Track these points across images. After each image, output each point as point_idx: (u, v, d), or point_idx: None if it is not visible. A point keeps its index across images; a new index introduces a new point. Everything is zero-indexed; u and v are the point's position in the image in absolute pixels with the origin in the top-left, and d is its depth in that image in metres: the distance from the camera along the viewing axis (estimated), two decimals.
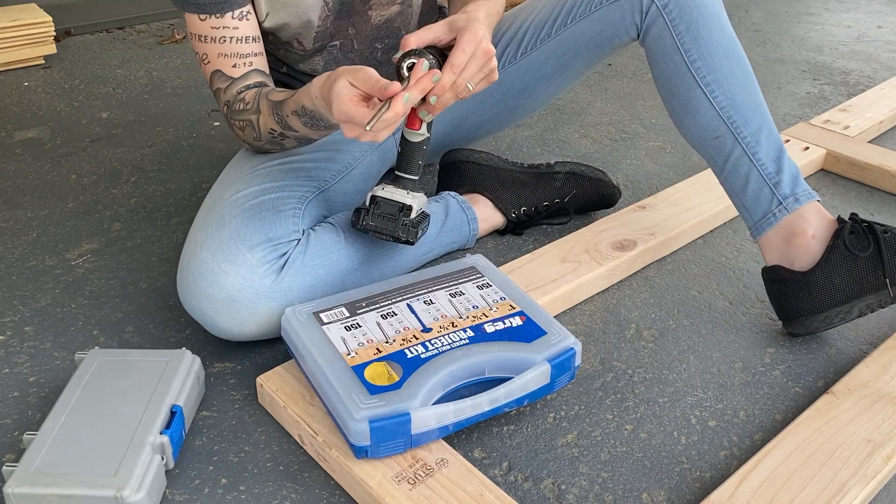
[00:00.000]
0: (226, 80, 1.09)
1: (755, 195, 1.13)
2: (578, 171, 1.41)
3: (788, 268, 1.11)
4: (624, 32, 1.20)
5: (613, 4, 1.19)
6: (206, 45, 1.08)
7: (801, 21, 2.66)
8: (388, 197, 1.08)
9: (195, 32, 1.08)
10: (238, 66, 1.09)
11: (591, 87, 2.09)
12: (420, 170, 1.10)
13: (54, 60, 2.14)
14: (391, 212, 1.07)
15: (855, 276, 1.06)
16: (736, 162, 1.14)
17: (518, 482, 0.92)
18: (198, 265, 1.02)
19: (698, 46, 1.13)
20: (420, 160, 1.09)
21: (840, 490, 0.87)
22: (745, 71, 1.14)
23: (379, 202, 1.08)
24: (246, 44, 1.09)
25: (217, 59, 1.08)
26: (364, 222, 1.07)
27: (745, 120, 1.13)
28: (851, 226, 1.09)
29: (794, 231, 1.11)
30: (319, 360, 0.92)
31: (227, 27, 1.07)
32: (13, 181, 1.55)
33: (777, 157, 1.12)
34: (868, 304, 1.07)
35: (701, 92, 1.14)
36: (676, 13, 1.13)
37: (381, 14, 1.21)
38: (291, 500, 0.89)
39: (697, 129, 1.16)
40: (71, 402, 0.92)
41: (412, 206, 1.07)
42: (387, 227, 1.07)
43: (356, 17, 1.19)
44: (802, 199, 1.11)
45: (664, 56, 1.16)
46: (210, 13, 1.05)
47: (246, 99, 1.08)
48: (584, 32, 1.23)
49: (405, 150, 1.09)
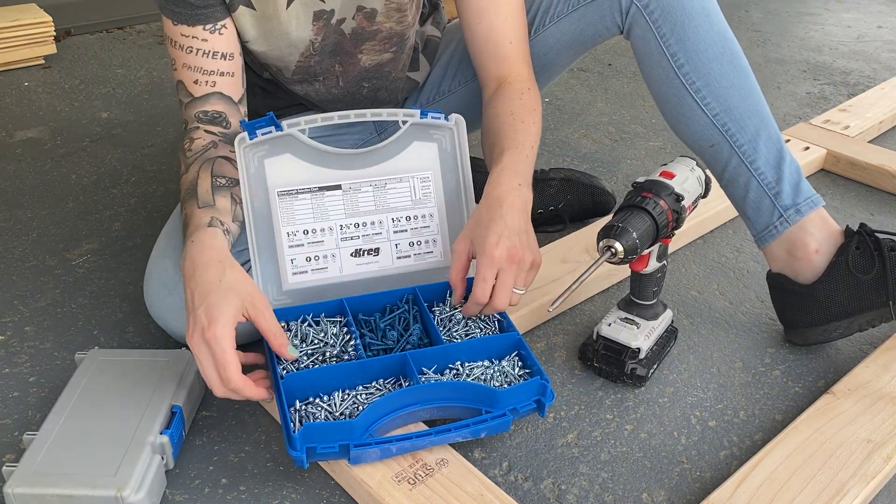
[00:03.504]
0: (186, 95, 1.04)
1: (756, 205, 1.09)
2: (573, 177, 1.41)
3: (792, 278, 1.09)
4: (605, 31, 1.14)
5: (591, 4, 1.12)
6: (174, 50, 1.03)
7: (801, 21, 2.66)
8: (614, 338, 1.03)
9: (167, 35, 1.04)
10: (199, 84, 1.03)
11: (591, 87, 2.09)
12: (656, 296, 1.06)
13: (54, 60, 2.14)
14: (616, 355, 1.04)
15: (856, 294, 1.04)
16: (734, 171, 1.08)
17: (518, 482, 0.92)
18: (159, 274, 1.02)
19: (685, 49, 1.05)
20: (654, 287, 1.05)
21: (840, 490, 0.87)
22: (738, 70, 1.06)
23: (603, 342, 1.04)
24: (212, 59, 1.03)
25: (182, 68, 1.03)
26: (591, 363, 1.05)
27: (741, 126, 1.06)
28: (858, 241, 1.05)
29: (796, 244, 1.07)
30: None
31: (196, 38, 1.01)
32: (13, 181, 1.55)
33: (777, 162, 1.07)
34: (868, 321, 1.05)
35: (692, 99, 1.07)
36: (659, 13, 1.06)
37: (372, 59, 1.17)
38: (291, 500, 0.89)
39: (692, 137, 1.10)
40: (71, 402, 0.92)
41: (640, 348, 1.03)
42: (612, 371, 1.04)
43: (344, 57, 1.15)
44: (804, 210, 1.07)
45: (651, 60, 1.09)
46: (182, 22, 1.01)
47: (192, 147, 1.02)
48: (564, 32, 1.17)
49: (635, 278, 1.05)
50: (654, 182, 0.97)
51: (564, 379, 1.07)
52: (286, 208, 1.03)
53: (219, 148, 1.02)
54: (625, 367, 1.03)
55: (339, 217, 1.05)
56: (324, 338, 0.98)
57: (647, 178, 0.98)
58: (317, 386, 0.91)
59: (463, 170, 1.08)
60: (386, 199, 1.07)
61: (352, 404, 0.90)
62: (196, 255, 0.88)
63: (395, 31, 1.14)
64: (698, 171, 1.04)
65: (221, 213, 0.94)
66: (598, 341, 1.05)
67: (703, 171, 1.05)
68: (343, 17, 1.09)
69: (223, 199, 0.96)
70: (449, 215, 1.09)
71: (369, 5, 1.09)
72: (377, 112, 1.05)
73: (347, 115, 1.04)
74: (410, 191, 1.08)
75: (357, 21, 1.10)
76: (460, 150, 1.08)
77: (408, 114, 1.06)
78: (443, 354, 0.96)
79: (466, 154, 1.08)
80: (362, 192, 1.06)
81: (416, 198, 1.08)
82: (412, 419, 0.91)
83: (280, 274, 1.03)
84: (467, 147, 1.08)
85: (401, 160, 1.07)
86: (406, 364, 0.93)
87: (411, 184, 1.08)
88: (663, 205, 0.95)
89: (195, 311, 0.83)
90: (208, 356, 0.82)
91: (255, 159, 1.01)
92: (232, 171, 1.00)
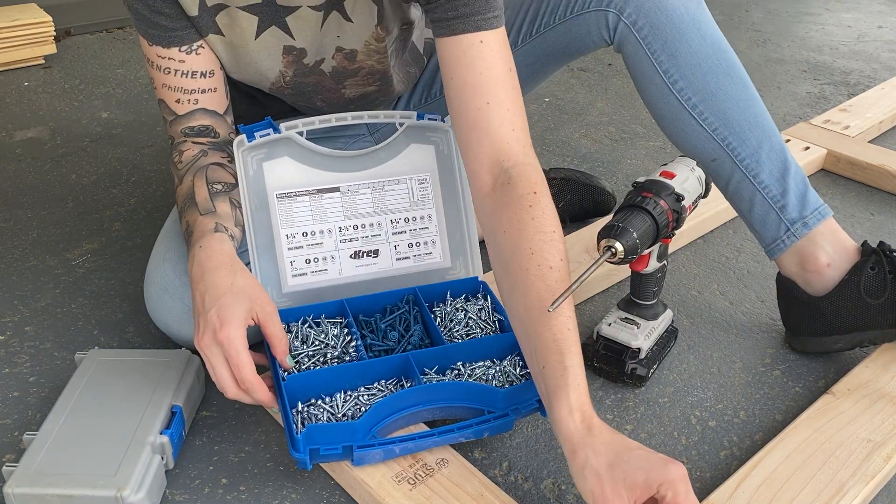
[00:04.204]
0: (170, 113, 1.02)
1: (762, 219, 1.07)
2: (573, 177, 1.41)
3: (802, 287, 1.07)
4: (592, 45, 1.11)
5: (578, 18, 1.08)
6: (153, 70, 1.01)
7: (801, 21, 2.66)
8: (614, 338, 1.03)
9: (145, 54, 1.01)
10: (182, 103, 1.01)
11: (591, 87, 2.09)
12: (656, 296, 1.06)
13: (54, 60, 2.14)
14: (616, 355, 1.03)
15: (864, 314, 1.03)
16: (737, 185, 1.06)
17: (518, 482, 0.92)
18: (160, 278, 1.02)
19: (678, 64, 1.02)
20: (654, 287, 1.05)
21: (840, 490, 0.87)
22: (735, 80, 1.03)
23: (603, 342, 1.04)
24: (192, 79, 1.00)
25: (161, 88, 1.01)
26: (591, 363, 1.05)
27: (742, 139, 1.03)
28: (875, 261, 1.02)
29: (807, 258, 1.05)
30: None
31: (173, 59, 0.99)
32: (13, 181, 1.55)
33: (781, 174, 1.04)
34: (871, 339, 1.05)
35: (688, 115, 1.04)
36: (648, 30, 1.02)
37: (356, 91, 1.14)
38: (291, 500, 0.89)
39: (692, 152, 1.07)
40: (71, 402, 0.92)
41: (640, 348, 1.03)
42: (612, 371, 1.04)
43: (326, 94, 1.13)
44: (811, 223, 1.04)
45: (643, 77, 1.06)
46: (158, 44, 0.98)
47: (182, 158, 1.00)
48: (551, 44, 1.14)
49: (636, 278, 1.04)
50: (654, 182, 0.97)
51: None
52: (285, 211, 1.03)
53: (209, 155, 1.01)
54: (625, 367, 1.03)
55: (337, 219, 1.05)
56: (325, 339, 0.98)
57: (647, 178, 0.98)
58: (319, 387, 0.92)
59: (460, 171, 1.08)
60: (384, 200, 1.07)
61: (354, 405, 0.90)
62: (205, 260, 0.88)
63: (376, 69, 1.12)
64: (698, 170, 1.04)
65: (224, 218, 0.94)
66: (599, 341, 1.05)
67: (703, 171, 1.05)
68: (321, 57, 1.07)
69: (223, 204, 0.96)
70: (447, 216, 1.09)
71: (348, 46, 1.06)
72: (374, 114, 1.05)
73: (345, 118, 1.04)
74: (408, 192, 1.08)
75: (337, 61, 1.08)
76: (457, 151, 1.08)
77: (405, 115, 1.06)
78: (444, 355, 0.96)
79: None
80: (360, 194, 1.06)
81: (414, 199, 1.08)
82: (415, 420, 0.91)
83: (280, 276, 1.03)
84: None
85: (398, 162, 1.07)
86: (408, 365, 0.93)
87: (409, 185, 1.08)
88: (664, 205, 0.95)
89: (205, 313, 0.83)
90: (220, 357, 0.83)
91: (253, 162, 1.01)
92: (226, 176, 0.99)
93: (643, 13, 1.02)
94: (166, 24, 0.97)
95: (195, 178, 0.98)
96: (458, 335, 1.01)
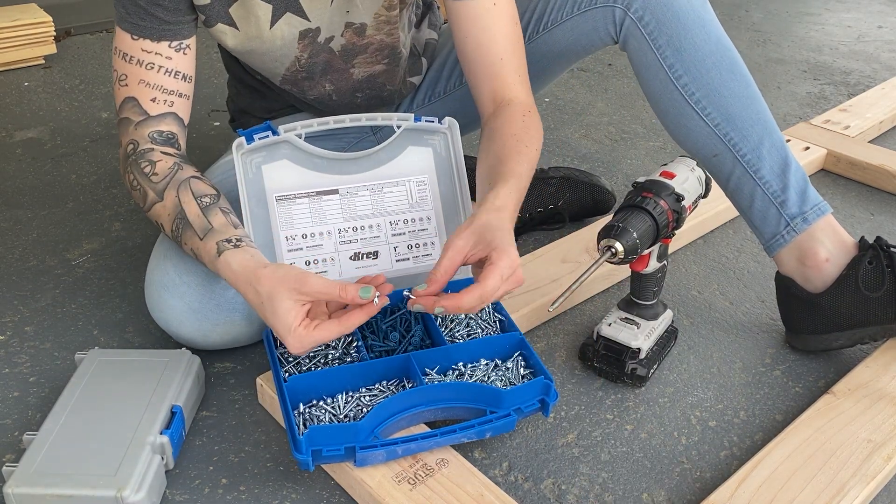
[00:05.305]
0: (140, 113, 0.99)
1: (762, 215, 1.08)
2: (573, 175, 1.41)
3: (800, 284, 1.08)
4: (599, 41, 1.13)
5: (585, 14, 1.11)
6: (129, 66, 0.99)
7: (801, 21, 2.66)
8: (614, 338, 1.03)
9: (121, 49, 0.99)
10: (157, 102, 0.99)
11: (591, 87, 2.09)
12: (656, 296, 1.06)
13: (54, 60, 2.14)
14: (617, 355, 1.03)
15: (863, 309, 1.03)
16: (738, 181, 1.07)
17: (518, 482, 0.92)
18: (161, 276, 1.02)
19: (682, 60, 1.04)
20: (654, 287, 1.05)
21: (840, 490, 0.87)
22: (738, 77, 1.05)
23: (603, 342, 1.04)
24: (174, 79, 1.00)
25: (137, 85, 0.99)
26: (591, 363, 1.05)
27: (744, 135, 1.05)
28: (872, 255, 1.03)
29: (806, 253, 1.06)
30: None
31: (160, 54, 0.98)
32: (13, 181, 1.55)
33: (782, 170, 1.06)
34: (871, 335, 1.05)
35: (692, 110, 1.06)
36: (654, 25, 1.04)
37: (365, 70, 1.16)
38: (291, 500, 0.89)
39: (694, 147, 1.09)
40: (71, 402, 0.92)
41: (640, 348, 1.03)
42: (612, 371, 1.04)
43: (335, 75, 1.14)
44: (811, 218, 1.05)
45: (648, 72, 1.08)
46: (146, 37, 0.97)
47: (156, 170, 0.97)
48: (557, 41, 1.16)
49: (636, 278, 1.05)
50: (654, 182, 0.97)
51: (564, 379, 1.07)
52: (284, 213, 1.03)
53: (185, 169, 0.99)
54: (625, 367, 1.03)
55: (337, 221, 1.05)
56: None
57: (647, 178, 0.98)
58: (320, 388, 0.92)
59: (458, 172, 1.08)
60: (383, 202, 1.07)
61: (356, 406, 0.90)
62: (233, 282, 0.89)
63: (385, 43, 1.13)
64: (699, 170, 1.04)
65: (222, 232, 0.92)
66: (599, 341, 1.05)
67: (703, 171, 1.05)
68: (331, 35, 1.08)
69: (216, 216, 0.94)
70: (446, 217, 1.09)
71: (358, 20, 1.08)
72: (372, 116, 1.05)
73: (343, 120, 1.04)
74: (407, 194, 1.08)
75: (346, 38, 1.09)
76: (455, 153, 1.08)
77: (402, 118, 1.06)
78: (445, 355, 0.96)
79: (461, 157, 1.09)
80: (359, 196, 1.06)
81: (412, 201, 1.08)
82: (417, 420, 0.91)
83: None
84: (461, 150, 1.08)
85: (396, 164, 1.07)
86: (409, 365, 0.93)
87: (408, 187, 1.08)
88: (664, 205, 0.95)
89: (275, 332, 0.86)
90: (310, 345, 0.85)
91: (252, 165, 1.01)
92: (209, 189, 0.97)
93: (650, 9, 1.05)
94: (163, 16, 0.97)
95: (179, 193, 0.95)
96: (459, 335, 1.01)
